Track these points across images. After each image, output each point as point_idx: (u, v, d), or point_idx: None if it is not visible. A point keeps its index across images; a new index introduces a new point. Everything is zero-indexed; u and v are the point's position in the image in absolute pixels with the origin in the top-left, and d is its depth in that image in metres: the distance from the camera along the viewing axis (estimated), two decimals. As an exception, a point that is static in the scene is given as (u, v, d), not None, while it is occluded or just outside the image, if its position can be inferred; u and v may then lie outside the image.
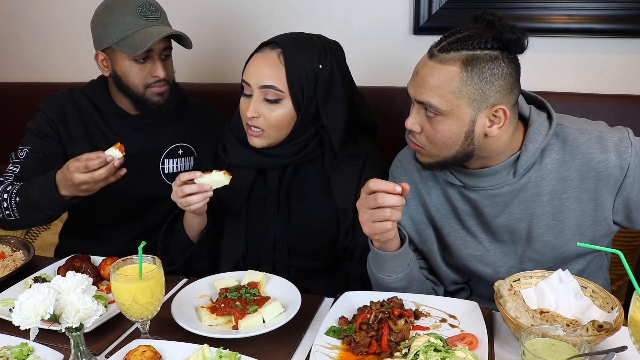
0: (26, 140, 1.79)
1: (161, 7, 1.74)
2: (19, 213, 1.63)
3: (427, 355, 1.09)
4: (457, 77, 1.22)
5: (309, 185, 1.63)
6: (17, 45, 2.67)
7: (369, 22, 2.19)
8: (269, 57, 1.51)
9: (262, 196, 1.64)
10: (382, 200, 1.24)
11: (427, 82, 1.26)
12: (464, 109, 1.24)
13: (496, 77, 1.23)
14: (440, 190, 1.47)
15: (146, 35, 1.64)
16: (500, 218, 1.40)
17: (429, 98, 1.26)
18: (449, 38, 1.26)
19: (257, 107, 1.51)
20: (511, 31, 1.21)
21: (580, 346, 1.05)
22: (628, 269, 1.05)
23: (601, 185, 1.33)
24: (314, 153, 1.60)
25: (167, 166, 1.86)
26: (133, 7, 1.65)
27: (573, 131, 1.35)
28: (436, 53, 1.25)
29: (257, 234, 1.65)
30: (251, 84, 1.52)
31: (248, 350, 1.20)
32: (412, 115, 1.32)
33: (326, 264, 1.68)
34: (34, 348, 1.23)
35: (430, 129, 1.29)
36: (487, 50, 1.22)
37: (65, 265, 1.60)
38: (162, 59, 1.72)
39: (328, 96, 1.54)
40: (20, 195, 1.61)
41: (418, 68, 1.30)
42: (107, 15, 1.67)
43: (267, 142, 1.56)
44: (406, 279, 1.40)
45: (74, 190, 1.53)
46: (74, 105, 1.82)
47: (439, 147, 1.30)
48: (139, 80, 1.71)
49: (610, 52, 1.99)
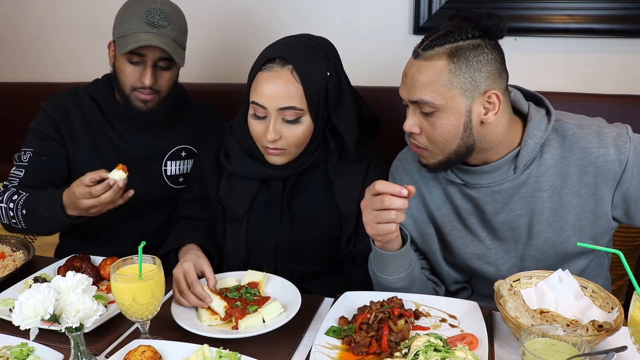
0: (29, 142, 1.78)
1: (174, 18, 1.69)
2: (26, 224, 1.65)
3: (427, 355, 1.09)
4: (445, 69, 1.25)
5: (312, 191, 1.61)
6: (18, 45, 2.67)
7: (369, 22, 2.19)
8: (283, 76, 1.43)
9: (265, 203, 1.62)
10: (389, 203, 1.24)
11: (417, 81, 1.27)
12: (458, 100, 1.26)
13: (482, 63, 1.26)
14: (441, 189, 1.47)
15: (136, 39, 1.62)
16: (501, 215, 1.40)
17: (422, 95, 1.27)
18: (430, 37, 1.28)
19: (277, 130, 1.45)
20: (488, 18, 1.25)
21: (580, 346, 1.05)
22: (628, 269, 1.05)
23: (600, 180, 1.33)
24: (318, 159, 1.58)
25: (170, 168, 1.85)
26: (143, 10, 1.65)
27: (572, 126, 1.36)
28: (420, 52, 1.28)
29: (259, 240, 1.63)
30: (267, 106, 1.44)
31: (248, 350, 1.20)
32: (409, 117, 1.33)
33: (328, 267, 1.67)
34: (34, 348, 1.23)
35: (429, 127, 1.30)
36: (469, 40, 1.26)
37: (65, 265, 1.60)
38: (158, 68, 1.69)
39: (338, 102, 1.52)
40: (26, 208, 1.62)
41: (406, 70, 1.32)
42: (124, 10, 1.69)
43: (288, 159, 1.52)
44: (408, 279, 1.40)
45: (84, 213, 1.54)
46: (77, 104, 1.81)
47: (440, 144, 1.31)
48: (127, 80, 1.70)
49: (610, 52, 1.99)
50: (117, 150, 1.80)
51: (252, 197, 1.60)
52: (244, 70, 1.55)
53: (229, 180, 1.64)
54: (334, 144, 1.56)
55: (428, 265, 1.57)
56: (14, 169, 1.75)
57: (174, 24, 1.68)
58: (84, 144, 1.78)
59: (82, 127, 1.80)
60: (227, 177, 1.64)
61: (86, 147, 1.77)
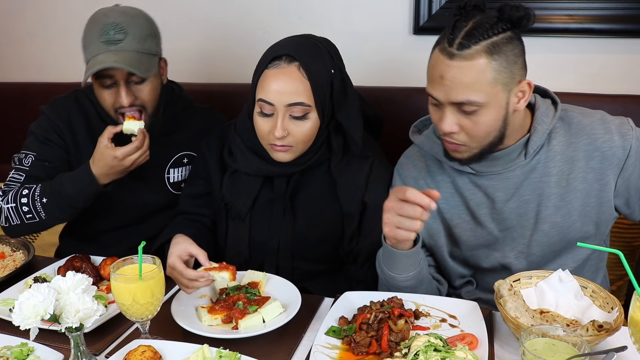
0: (31, 146, 1.75)
1: (132, 28, 1.58)
2: (47, 213, 1.62)
3: (427, 355, 1.09)
4: (487, 67, 1.24)
5: (315, 190, 1.61)
6: (16, 46, 2.67)
7: (369, 22, 2.19)
8: (290, 73, 1.44)
9: (268, 201, 1.62)
10: (417, 214, 1.25)
11: (460, 82, 1.25)
12: (500, 95, 1.27)
13: (517, 55, 1.27)
14: (450, 182, 1.48)
15: (94, 62, 1.55)
16: (510, 202, 1.42)
17: (469, 96, 1.25)
18: (458, 34, 1.25)
19: (285, 126, 1.45)
20: (517, 9, 1.25)
21: (580, 346, 1.05)
22: (628, 269, 1.05)
23: (606, 165, 1.37)
24: (322, 157, 1.58)
25: (173, 175, 1.84)
26: (98, 30, 1.57)
27: (576, 114, 1.42)
28: (456, 52, 1.24)
29: (261, 238, 1.63)
30: (275, 103, 1.43)
31: (248, 350, 1.20)
32: (447, 117, 1.30)
33: (330, 266, 1.67)
34: (34, 348, 1.23)
35: (471, 124, 1.30)
36: (502, 34, 1.25)
37: (65, 265, 1.60)
38: (132, 83, 1.61)
39: (343, 99, 1.52)
40: (46, 196, 1.61)
41: (442, 72, 1.27)
42: (84, 33, 1.62)
43: (294, 156, 1.52)
44: (416, 278, 1.41)
45: (123, 174, 1.61)
46: (78, 109, 1.77)
47: (480, 139, 1.32)
48: (108, 104, 1.65)
49: (610, 52, 1.99)
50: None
51: (255, 195, 1.61)
52: (244, 70, 1.55)
53: (232, 177, 1.64)
54: (337, 142, 1.57)
55: (434, 262, 1.57)
56: (13, 172, 1.72)
57: (134, 34, 1.58)
58: (87, 151, 1.73)
59: (85, 133, 1.77)
60: (231, 174, 1.64)
61: (89, 155, 1.72)
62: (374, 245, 1.48)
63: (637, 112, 1.88)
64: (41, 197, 1.61)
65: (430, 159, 1.51)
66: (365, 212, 1.59)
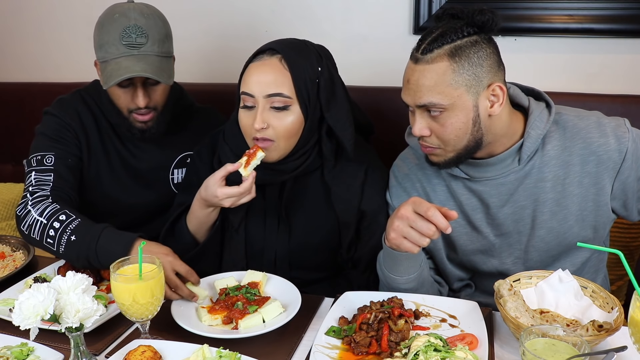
0: (45, 146, 1.68)
1: (152, 30, 1.58)
2: (65, 248, 1.50)
3: (427, 355, 1.09)
4: (448, 70, 1.26)
5: (309, 198, 1.59)
6: (16, 45, 2.67)
7: (369, 22, 2.19)
8: (271, 64, 1.44)
9: (261, 211, 1.60)
10: (432, 233, 1.24)
11: (422, 85, 1.29)
12: (464, 97, 1.28)
13: (483, 58, 1.28)
14: (445, 186, 1.48)
15: (118, 67, 1.54)
16: (505, 207, 1.42)
17: (430, 98, 1.28)
18: (426, 40, 1.30)
19: (264, 118, 1.42)
20: (481, 14, 1.27)
21: (580, 346, 1.05)
22: (628, 269, 1.05)
23: (602, 169, 1.36)
24: (313, 164, 1.56)
25: (177, 176, 1.83)
26: (118, 30, 1.55)
27: (571, 118, 1.40)
28: (420, 56, 1.29)
29: (258, 250, 1.61)
30: (255, 94, 1.43)
31: (248, 350, 1.20)
32: (417, 121, 1.34)
33: (329, 273, 1.66)
34: (34, 348, 1.23)
35: (439, 128, 1.31)
36: (466, 38, 1.28)
37: (65, 265, 1.60)
38: (148, 84, 1.62)
39: (331, 98, 1.50)
40: (77, 235, 1.48)
41: (408, 76, 1.33)
42: (99, 29, 1.60)
43: (277, 155, 1.47)
44: (417, 280, 1.41)
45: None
46: (87, 110, 1.76)
47: (452, 142, 1.33)
48: (122, 104, 1.65)
49: (610, 52, 1.99)
50: (126, 164, 1.78)
51: (248, 205, 1.55)
52: (244, 71, 1.55)
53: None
54: (329, 147, 1.54)
55: (433, 264, 1.57)
56: (34, 174, 1.63)
57: (154, 37, 1.58)
58: (98, 156, 1.72)
59: (96, 135, 1.75)
60: None
61: (101, 159, 1.70)
62: (374, 251, 1.48)
63: (637, 112, 1.88)
64: (72, 233, 1.49)
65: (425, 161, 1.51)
66: (363, 220, 1.58)
